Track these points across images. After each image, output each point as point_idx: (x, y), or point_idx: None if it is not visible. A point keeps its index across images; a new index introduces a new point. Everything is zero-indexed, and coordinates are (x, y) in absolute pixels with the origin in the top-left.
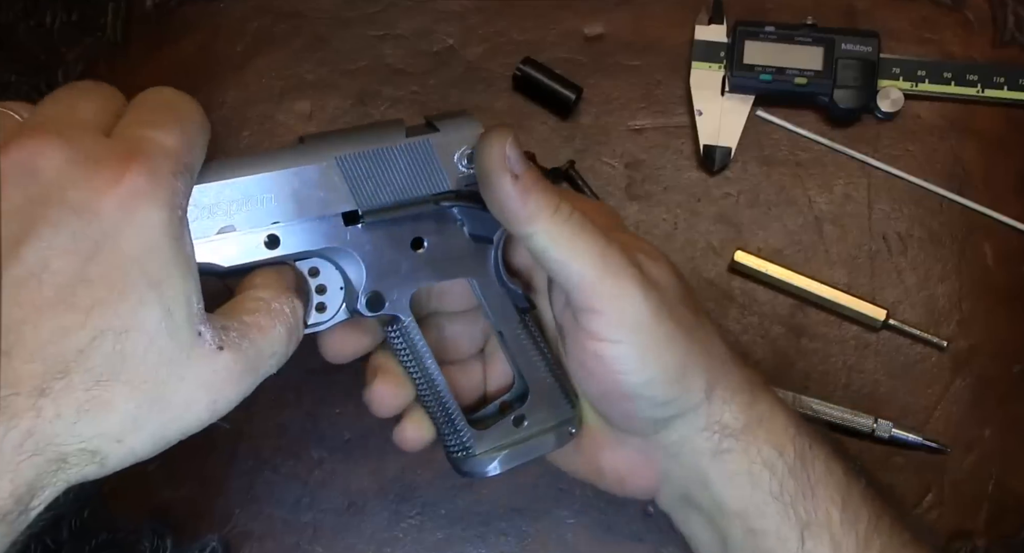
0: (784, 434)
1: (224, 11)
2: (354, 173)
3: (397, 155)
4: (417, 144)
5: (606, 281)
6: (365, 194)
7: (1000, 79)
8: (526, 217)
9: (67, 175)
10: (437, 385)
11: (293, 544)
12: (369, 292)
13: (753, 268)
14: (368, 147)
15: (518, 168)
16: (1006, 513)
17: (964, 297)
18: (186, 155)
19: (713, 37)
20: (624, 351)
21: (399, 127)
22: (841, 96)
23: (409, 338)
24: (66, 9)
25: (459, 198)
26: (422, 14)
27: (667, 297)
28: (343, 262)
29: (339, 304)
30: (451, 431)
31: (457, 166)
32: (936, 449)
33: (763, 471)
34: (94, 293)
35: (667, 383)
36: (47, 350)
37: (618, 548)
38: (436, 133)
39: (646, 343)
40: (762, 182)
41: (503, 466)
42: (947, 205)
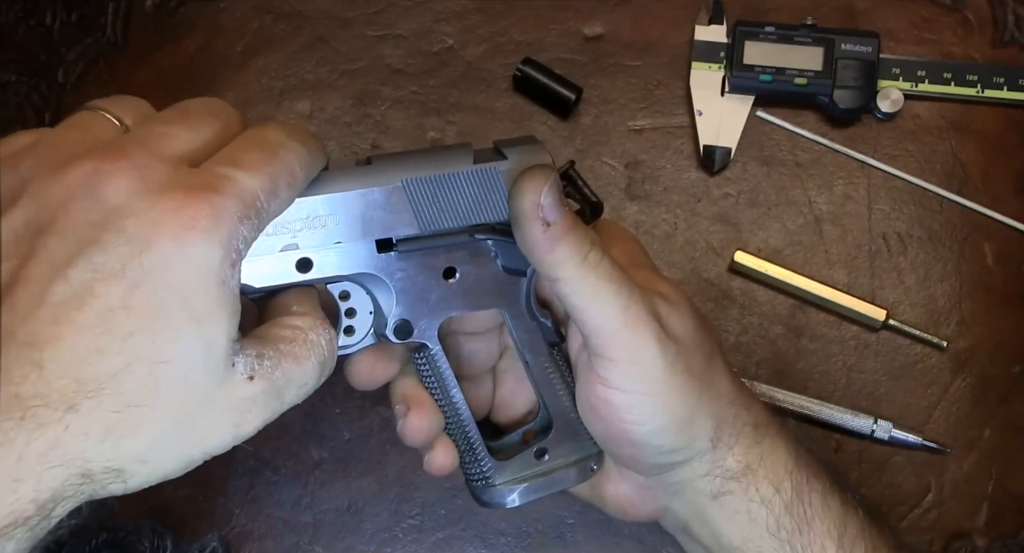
0: (783, 470)
1: (224, 11)
2: (419, 197)
3: (464, 181)
4: (485, 171)
5: (624, 333)
6: (428, 218)
7: (1000, 79)
8: (552, 264)
9: (129, 203)
10: (461, 414)
11: (293, 544)
12: (398, 319)
13: (753, 268)
14: (436, 172)
15: (552, 215)
16: (1006, 513)
17: (964, 297)
18: (263, 201)
19: (713, 37)
20: (635, 401)
21: (467, 152)
22: (841, 96)
23: (436, 367)
24: (66, 9)
25: (494, 231)
26: (422, 14)
27: (683, 348)
28: (374, 288)
29: (367, 329)
30: (472, 460)
31: None
32: (936, 450)
33: (760, 508)
34: (135, 321)
35: (675, 433)
36: (81, 369)
37: (618, 548)
38: (504, 161)
39: (658, 395)
40: (762, 182)
41: (522, 499)
42: (947, 205)
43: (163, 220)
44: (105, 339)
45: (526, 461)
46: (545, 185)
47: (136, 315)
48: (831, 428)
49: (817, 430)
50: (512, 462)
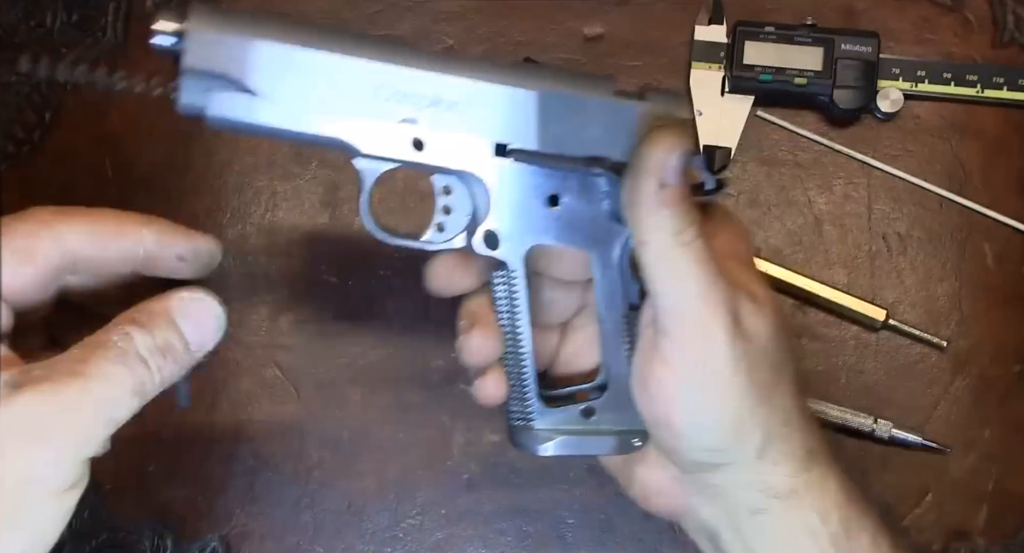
0: (831, 503)
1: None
2: (552, 112)
3: (598, 109)
4: (622, 105)
5: (697, 319)
6: (552, 136)
7: (1000, 79)
8: (648, 227)
9: None
10: (521, 345)
11: (293, 544)
12: (489, 229)
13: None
14: (574, 92)
15: (672, 178)
16: (1006, 513)
17: (964, 297)
18: None
19: (713, 37)
20: (688, 389)
21: (609, 84)
22: (841, 96)
23: (512, 289)
24: (66, 10)
25: (612, 169)
26: (422, 14)
27: (752, 351)
28: (477, 191)
29: (459, 230)
30: (519, 396)
31: None
32: (936, 449)
33: (805, 538)
34: None
35: (719, 433)
36: None
37: (618, 548)
38: (643, 102)
39: (713, 390)
40: (762, 182)
41: (556, 450)
42: (947, 205)
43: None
44: None
45: (571, 416)
46: (678, 145)
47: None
48: (831, 428)
49: None
50: (557, 412)
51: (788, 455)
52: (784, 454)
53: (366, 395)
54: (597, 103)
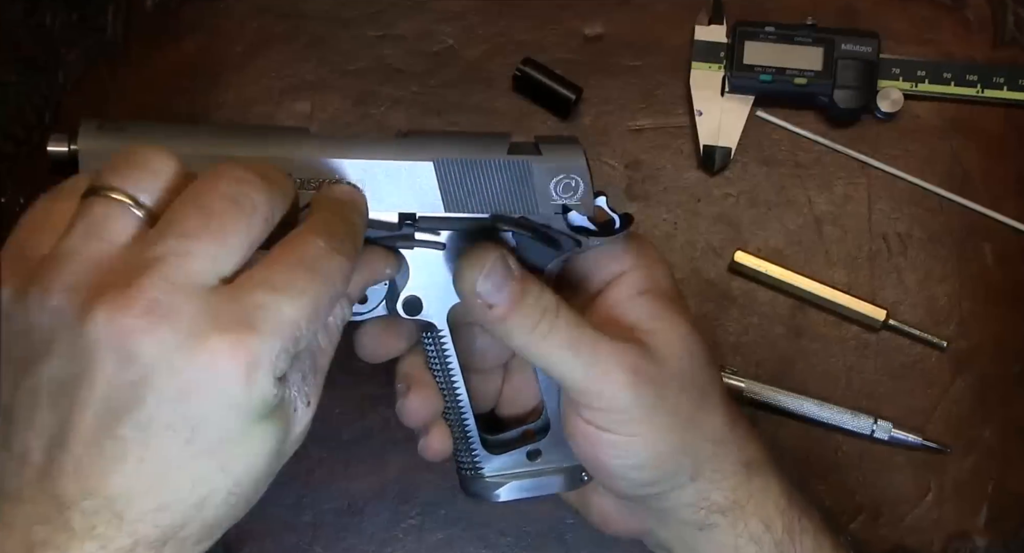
0: (774, 509)
1: (224, 11)
2: (449, 178)
3: (495, 169)
4: (517, 163)
5: (594, 388)
6: (454, 200)
7: (1000, 79)
8: (502, 337)
9: (163, 362)
10: (460, 400)
11: (293, 544)
12: (410, 295)
13: (753, 268)
14: (469, 156)
15: (493, 299)
16: (1006, 513)
17: (964, 297)
18: (305, 328)
19: (713, 37)
20: (613, 439)
21: (503, 142)
22: (841, 96)
23: (441, 348)
24: (66, 9)
25: (517, 225)
26: (422, 14)
27: (665, 390)
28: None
29: (380, 299)
30: (464, 448)
31: (552, 193)
32: (936, 449)
33: (750, 545)
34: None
35: (653, 469)
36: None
37: (618, 549)
38: (538, 156)
39: (635, 436)
40: (762, 182)
41: (507, 495)
42: (947, 205)
43: (200, 376)
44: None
45: (518, 459)
46: (482, 271)
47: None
48: (832, 429)
49: (818, 430)
50: (504, 457)
51: (725, 473)
52: (720, 473)
53: (366, 395)
54: (492, 164)
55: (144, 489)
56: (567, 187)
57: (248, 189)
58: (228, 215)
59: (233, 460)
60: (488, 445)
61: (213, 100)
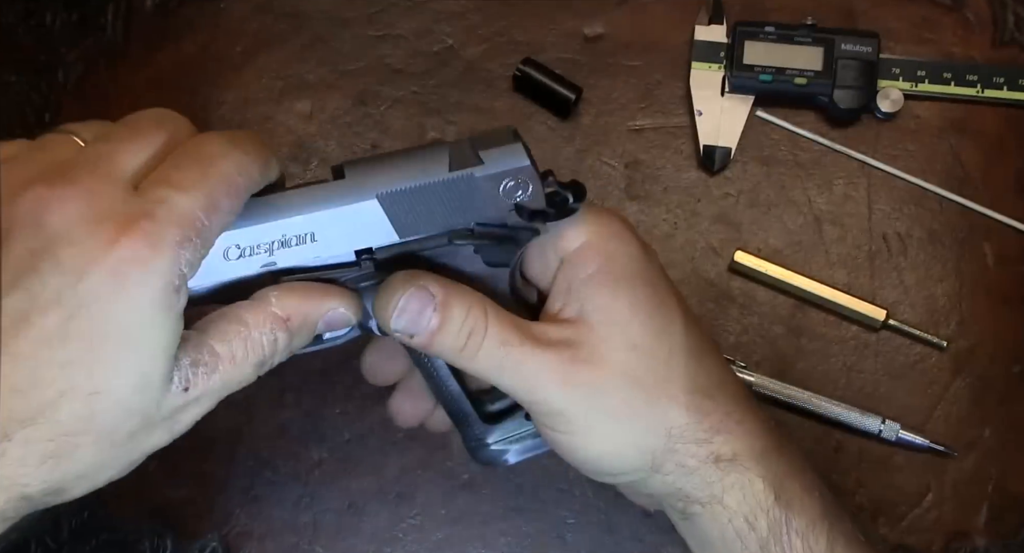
0: (757, 506)
1: (224, 11)
2: (396, 208)
3: (441, 190)
4: (460, 178)
5: (527, 396)
6: (405, 226)
7: (1000, 79)
8: (441, 356)
9: (68, 233)
10: (451, 388)
11: (293, 544)
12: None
13: (753, 268)
14: (411, 183)
15: (412, 329)
16: (1006, 513)
17: (964, 297)
18: (204, 220)
19: (713, 37)
20: (558, 438)
21: (442, 156)
22: (841, 96)
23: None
24: (66, 9)
25: (473, 236)
26: (422, 14)
27: (600, 390)
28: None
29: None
30: (466, 425)
31: (502, 196)
32: (943, 452)
33: (735, 541)
34: (70, 352)
35: (603, 461)
36: (13, 400)
37: (618, 548)
38: (480, 165)
39: (576, 435)
40: (762, 182)
41: (516, 457)
42: (947, 205)
43: (98, 252)
44: (40, 370)
45: (517, 423)
46: (394, 309)
47: (72, 345)
48: (834, 427)
49: (817, 430)
50: (504, 425)
51: (688, 466)
52: (684, 466)
53: (366, 395)
54: (435, 186)
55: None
56: (515, 187)
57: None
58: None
59: (105, 364)
60: (486, 418)
61: (213, 100)
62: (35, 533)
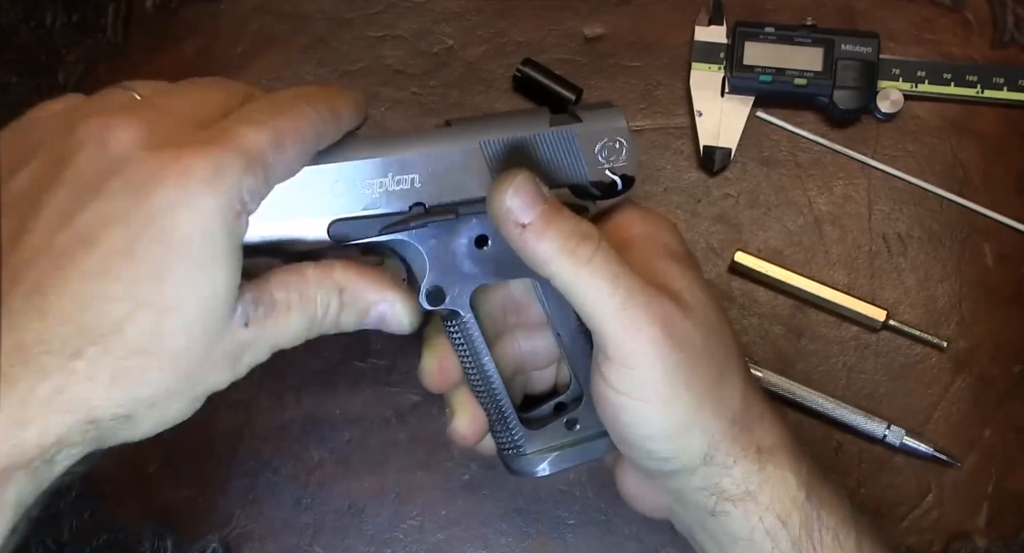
0: (790, 503)
1: (224, 12)
2: (497, 158)
3: (541, 143)
4: (561, 134)
5: (620, 336)
6: None
7: (999, 80)
8: (537, 263)
9: (134, 153)
10: (493, 384)
11: (293, 545)
12: (431, 286)
13: (753, 269)
14: (514, 134)
15: (524, 217)
16: (1006, 513)
17: (964, 297)
18: (270, 156)
19: (713, 38)
20: (628, 404)
21: (544, 116)
22: (841, 97)
23: (468, 334)
24: (66, 10)
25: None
26: (422, 15)
27: (687, 357)
28: (407, 254)
29: None
30: (503, 429)
31: (598, 157)
32: (947, 462)
33: (766, 540)
34: (139, 268)
35: (666, 443)
36: (85, 315)
37: (618, 549)
38: (579, 123)
39: (650, 403)
40: (762, 183)
41: (552, 468)
42: (947, 205)
43: (164, 168)
44: (109, 286)
45: (557, 431)
46: (510, 187)
47: (140, 262)
48: (835, 428)
49: (818, 430)
50: (543, 432)
51: (737, 457)
52: (733, 457)
53: (366, 396)
54: (536, 138)
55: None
56: (611, 150)
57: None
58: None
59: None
60: (525, 422)
61: None
62: (35, 533)
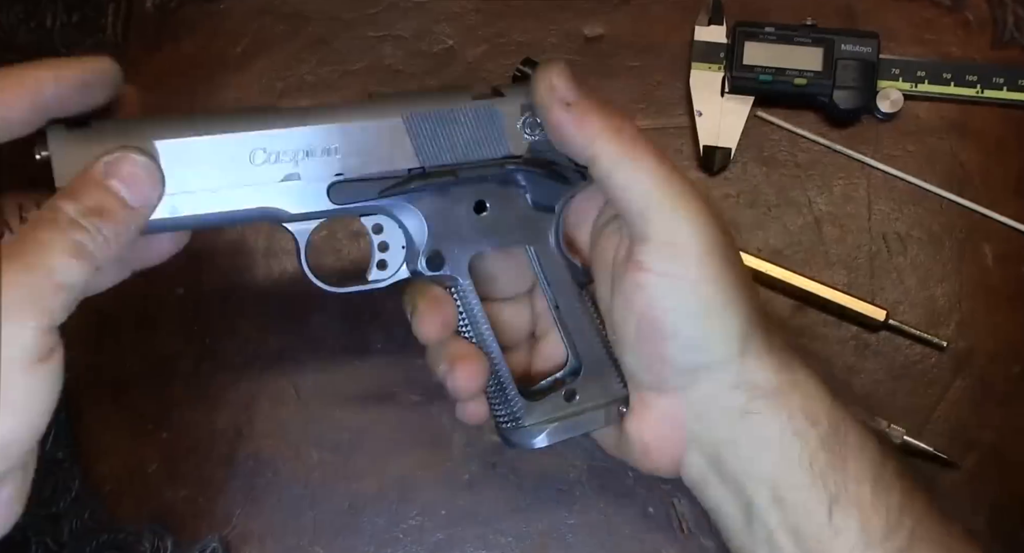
0: (819, 404)
1: (224, 12)
2: (420, 131)
3: (463, 117)
4: (483, 108)
5: (665, 206)
6: (429, 153)
7: (999, 80)
8: (584, 140)
9: None
10: (492, 352)
11: (293, 544)
12: (430, 251)
13: (753, 268)
14: (436, 107)
15: (570, 96)
16: (1006, 513)
17: (964, 297)
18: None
19: (713, 38)
20: (667, 284)
21: (466, 90)
22: (841, 97)
23: (467, 301)
24: (66, 11)
25: (525, 163)
26: (422, 15)
27: (726, 240)
28: (406, 220)
29: (400, 263)
30: (502, 401)
31: (521, 133)
32: (947, 462)
33: (794, 440)
34: None
35: (705, 321)
36: None
37: (618, 548)
38: (501, 98)
39: (691, 278)
40: (762, 183)
41: (550, 439)
42: (947, 205)
43: None
44: None
45: (556, 403)
46: (555, 69)
47: None
48: None
49: None
50: (542, 403)
51: (770, 349)
52: (766, 348)
53: (366, 395)
54: (459, 111)
55: None
56: (533, 125)
57: None
58: None
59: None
60: (525, 394)
61: (213, 101)
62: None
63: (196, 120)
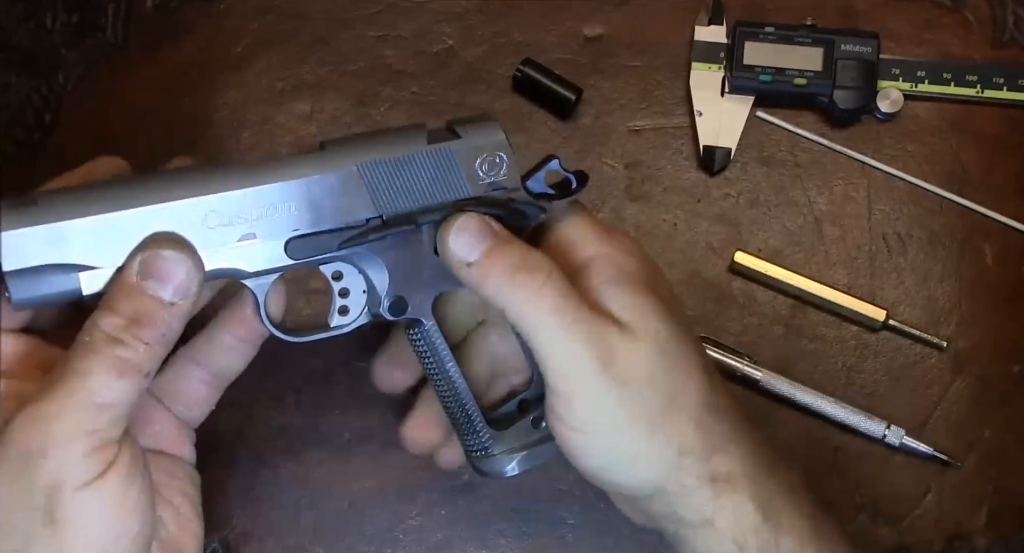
0: (748, 528)
1: (224, 12)
2: (375, 180)
3: (419, 162)
4: (439, 151)
5: (564, 368)
6: (386, 201)
7: (999, 79)
8: (489, 298)
9: None
10: (457, 388)
11: (293, 544)
12: (392, 296)
13: (753, 269)
14: (390, 154)
15: (470, 256)
16: (1006, 513)
17: (964, 297)
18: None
19: (713, 38)
20: (575, 437)
21: (421, 133)
22: (841, 97)
23: (431, 342)
24: (66, 10)
25: (481, 204)
26: (422, 15)
27: (632, 390)
28: (366, 266)
29: (362, 307)
30: (471, 432)
31: (478, 172)
32: (946, 462)
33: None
34: None
35: (614, 472)
36: None
37: (618, 549)
38: (458, 140)
39: (595, 436)
40: (762, 183)
41: (521, 467)
42: (947, 205)
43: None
44: None
45: (524, 430)
46: (452, 229)
47: None
48: (834, 428)
49: (818, 430)
50: (510, 431)
51: (688, 486)
52: (685, 486)
53: (367, 396)
54: (414, 157)
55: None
56: (492, 165)
57: None
58: None
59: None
60: (491, 423)
61: (213, 101)
62: None
63: (148, 184)
